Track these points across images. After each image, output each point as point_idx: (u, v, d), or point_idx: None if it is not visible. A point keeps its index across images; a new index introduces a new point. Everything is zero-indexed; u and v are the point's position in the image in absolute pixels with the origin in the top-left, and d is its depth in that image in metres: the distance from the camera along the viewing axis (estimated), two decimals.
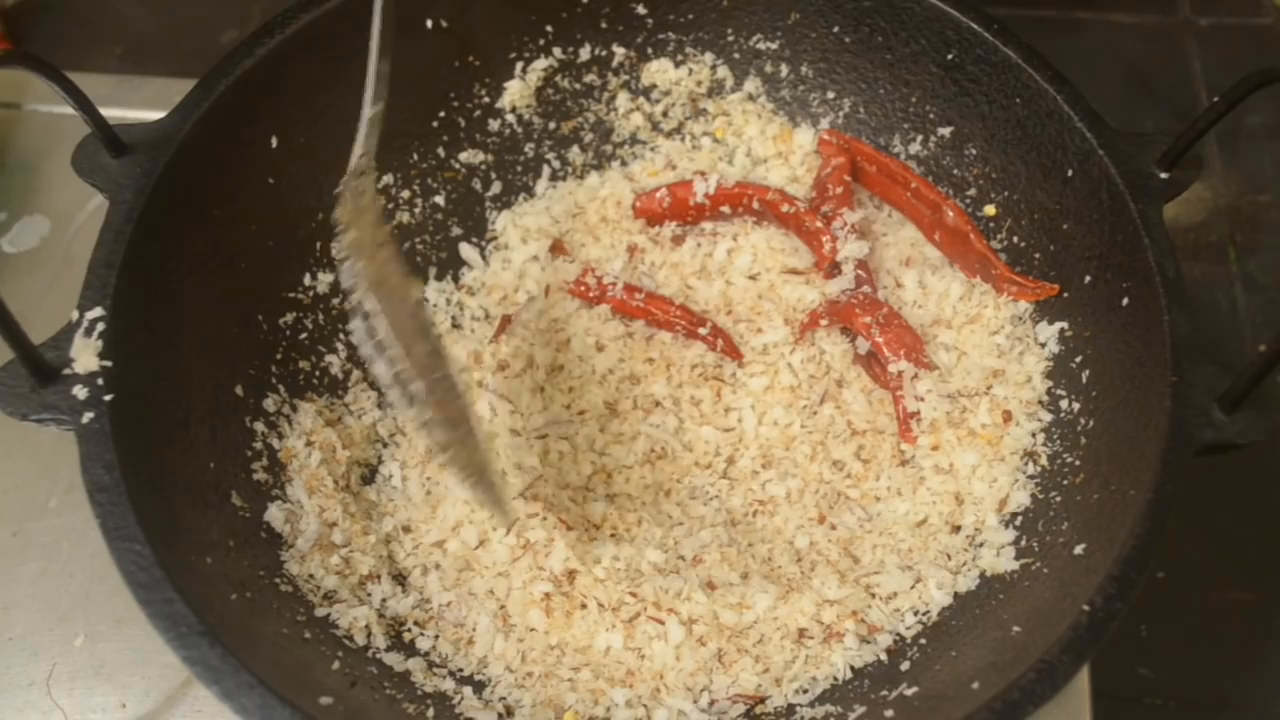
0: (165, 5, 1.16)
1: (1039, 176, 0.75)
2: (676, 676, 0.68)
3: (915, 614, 0.70)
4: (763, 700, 0.67)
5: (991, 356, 0.77)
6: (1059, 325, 0.75)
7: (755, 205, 0.84)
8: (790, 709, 0.66)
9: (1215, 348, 0.91)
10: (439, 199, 0.86)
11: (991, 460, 0.73)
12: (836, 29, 0.83)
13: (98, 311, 0.62)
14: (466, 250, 0.86)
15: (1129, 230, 0.67)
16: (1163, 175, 0.68)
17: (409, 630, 0.70)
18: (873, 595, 0.71)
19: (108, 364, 0.61)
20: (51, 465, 0.81)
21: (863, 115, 0.86)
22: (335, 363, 0.79)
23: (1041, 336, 0.75)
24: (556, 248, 0.85)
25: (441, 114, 0.84)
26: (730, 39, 0.87)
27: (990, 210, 0.80)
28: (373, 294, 0.61)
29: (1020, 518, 0.71)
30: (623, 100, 0.88)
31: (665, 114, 0.89)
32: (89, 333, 0.61)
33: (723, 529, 0.75)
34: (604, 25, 0.85)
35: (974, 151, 0.80)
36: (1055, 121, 0.73)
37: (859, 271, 0.81)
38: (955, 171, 0.82)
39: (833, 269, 0.81)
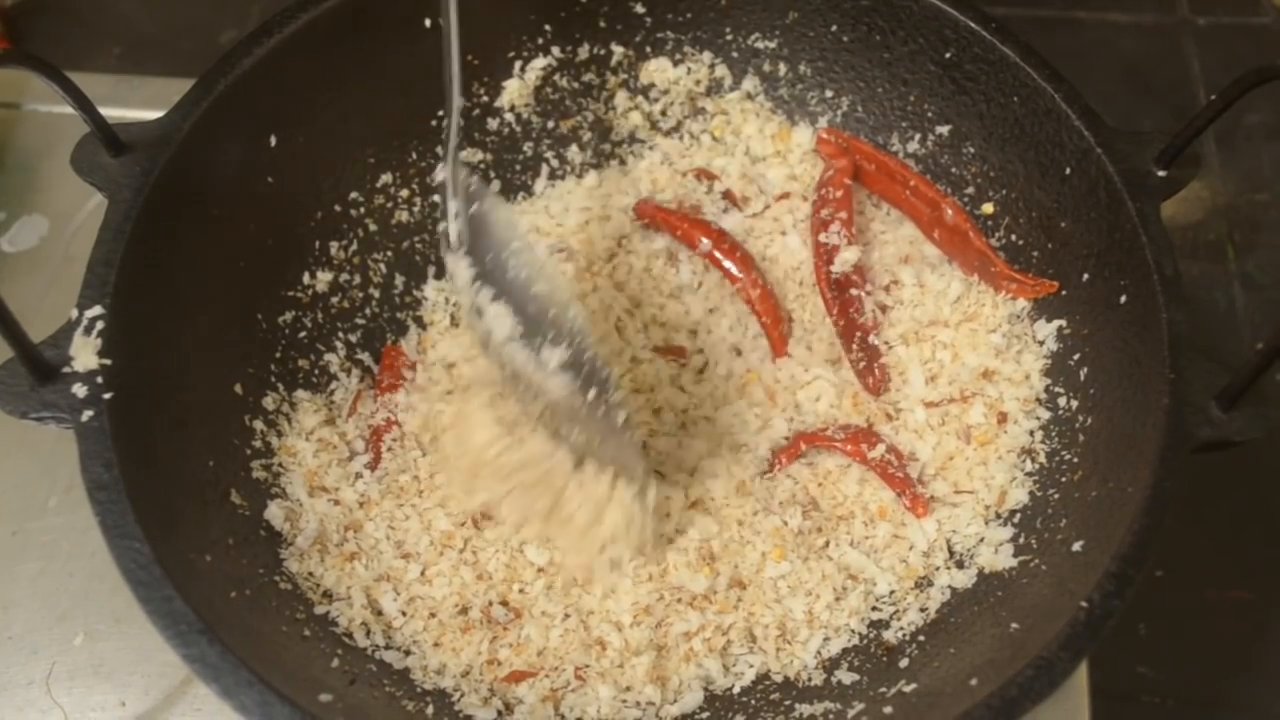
0: (164, 5, 1.16)
1: (1037, 175, 0.75)
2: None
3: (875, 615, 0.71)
4: None
5: (989, 355, 0.77)
6: (1057, 323, 0.75)
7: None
8: (789, 707, 0.66)
9: (1213, 346, 0.91)
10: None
11: (987, 460, 0.74)
12: (834, 28, 0.83)
13: (97, 310, 0.62)
14: None
15: (1127, 228, 0.67)
16: (1160, 173, 0.68)
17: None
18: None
19: (107, 362, 0.61)
20: (51, 464, 0.81)
21: (861, 114, 0.86)
22: (334, 361, 0.79)
23: (1040, 334, 0.76)
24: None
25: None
26: (728, 38, 0.87)
27: (988, 208, 0.80)
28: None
29: (1018, 515, 0.71)
30: (621, 99, 0.88)
31: (664, 113, 0.89)
32: (88, 331, 0.61)
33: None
34: (602, 24, 0.85)
35: (972, 150, 0.80)
36: (1053, 120, 0.73)
37: (854, 275, 0.81)
38: (953, 170, 0.82)
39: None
